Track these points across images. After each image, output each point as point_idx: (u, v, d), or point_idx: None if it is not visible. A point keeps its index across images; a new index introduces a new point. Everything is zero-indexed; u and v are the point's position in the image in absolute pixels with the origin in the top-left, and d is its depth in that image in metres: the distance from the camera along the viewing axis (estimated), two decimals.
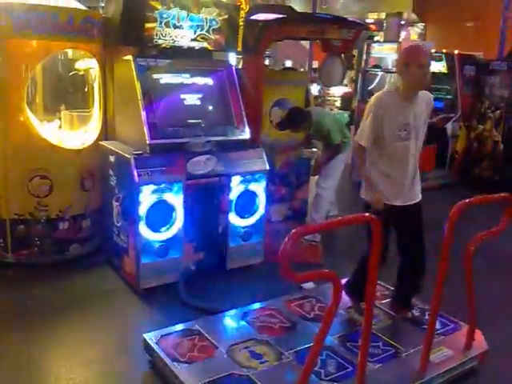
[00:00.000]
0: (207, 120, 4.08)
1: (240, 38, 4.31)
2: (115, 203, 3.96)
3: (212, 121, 4.11)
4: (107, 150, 4.04)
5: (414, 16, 13.93)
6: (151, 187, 3.59)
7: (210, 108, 4.19)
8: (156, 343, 2.90)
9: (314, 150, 5.33)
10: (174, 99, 3.96)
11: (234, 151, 4.01)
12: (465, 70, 7.81)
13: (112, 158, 3.96)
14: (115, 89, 4.25)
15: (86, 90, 4.47)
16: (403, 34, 13.76)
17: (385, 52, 8.33)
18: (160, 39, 3.91)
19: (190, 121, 4.00)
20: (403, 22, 13.84)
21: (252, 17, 4.59)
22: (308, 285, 3.82)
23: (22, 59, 3.81)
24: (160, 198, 3.64)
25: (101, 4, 4.97)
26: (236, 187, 4.02)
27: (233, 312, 3.37)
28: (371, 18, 14.63)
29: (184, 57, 4.09)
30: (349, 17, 6.56)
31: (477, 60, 8.06)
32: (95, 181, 4.26)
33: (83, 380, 2.85)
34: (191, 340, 2.96)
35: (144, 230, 3.63)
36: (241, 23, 4.26)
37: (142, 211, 3.59)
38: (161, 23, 3.86)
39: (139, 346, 2.99)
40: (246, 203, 4.11)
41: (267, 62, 9.30)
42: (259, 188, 4.15)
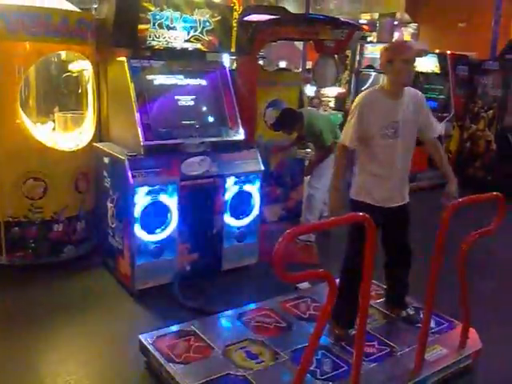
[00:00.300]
0: (201, 121, 4.08)
1: (233, 39, 4.31)
2: (110, 205, 3.96)
3: (206, 122, 4.12)
4: (101, 152, 4.04)
5: (407, 16, 13.99)
6: (145, 188, 3.59)
7: (204, 109, 4.19)
8: (151, 344, 2.90)
9: (308, 151, 5.34)
10: (168, 100, 3.96)
11: (229, 152, 4.02)
12: (457, 70, 7.84)
13: (106, 160, 3.96)
14: (109, 90, 4.25)
15: (80, 92, 4.46)
16: (396, 35, 13.83)
17: (378, 52, 8.36)
18: (153, 40, 3.91)
19: (184, 122, 4.01)
20: (396, 23, 13.89)
21: (245, 18, 4.61)
22: (303, 285, 3.83)
23: (15, 61, 3.79)
24: (154, 200, 3.64)
25: (94, 6, 4.95)
26: (230, 188, 4.02)
27: (228, 312, 3.37)
28: (364, 19, 14.68)
29: (178, 58, 4.09)
30: (342, 17, 6.57)
31: (469, 60, 8.09)
32: (89, 182, 4.25)
33: (79, 381, 2.84)
34: (187, 341, 2.97)
35: (139, 232, 3.63)
36: (234, 24, 4.27)
37: (137, 212, 3.59)
38: (154, 24, 3.87)
39: (135, 347, 2.99)
40: (241, 204, 4.12)
41: (261, 63, 9.29)
42: (254, 189, 4.16)
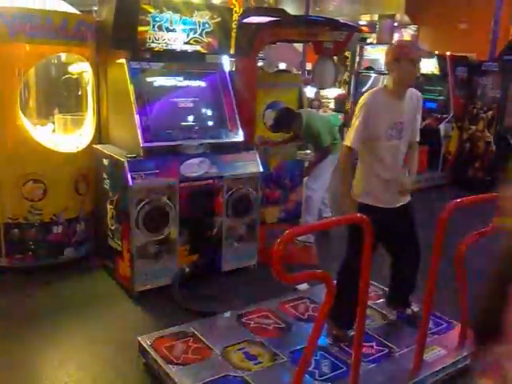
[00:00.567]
0: (201, 123, 4.09)
1: (233, 41, 4.32)
2: (109, 206, 3.96)
3: (205, 123, 4.13)
4: (101, 154, 4.05)
5: (407, 18, 14.01)
6: (145, 190, 3.60)
7: (204, 111, 4.20)
8: (150, 345, 2.91)
9: (308, 152, 5.35)
10: (168, 102, 3.97)
11: (228, 153, 4.02)
12: (457, 71, 7.85)
13: (106, 162, 3.97)
14: (109, 92, 4.26)
15: (80, 94, 4.47)
16: (396, 36, 13.86)
17: (378, 54, 8.39)
18: (153, 42, 3.92)
19: (184, 123, 4.02)
20: (396, 24, 13.94)
21: (245, 19, 4.61)
22: (302, 286, 3.84)
23: (15, 63, 3.80)
24: (154, 201, 3.65)
25: (94, 8, 4.97)
26: (230, 189, 4.03)
27: (227, 314, 3.38)
28: (364, 20, 14.71)
29: (177, 60, 4.10)
30: (341, 19, 6.59)
31: (469, 61, 8.10)
32: (89, 184, 4.26)
33: (78, 383, 2.85)
34: (186, 342, 2.97)
35: (138, 233, 3.64)
36: (234, 26, 4.28)
37: (136, 214, 3.60)
38: (154, 26, 3.88)
39: (134, 349, 3.00)
40: (240, 205, 4.12)
41: (261, 65, 9.31)
42: (253, 190, 4.16)
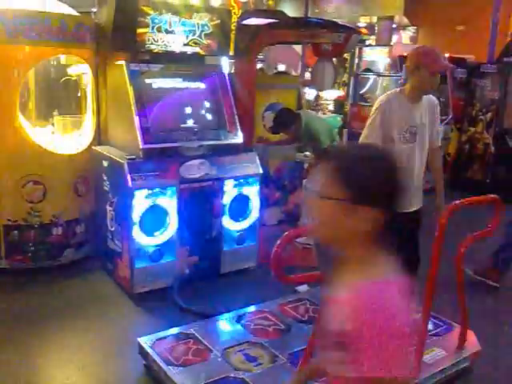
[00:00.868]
0: (200, 124, 4.09)
1: (232, 43, 4.33)
2: (109, 208, 3.96)
3: (205, 125, 4.13)
4: (100, 155, 4.05)
5: (406, 20, 14.03)
6: (145, 192, 3.60)
7: (203, 112, 4.20)
8: (151, 347, 2.90)
9: (308, 154, 5.35)
10: (167, 104, 3.97)
11: (227, 155, 4.03)
12: (456, 73, 7.86)
13: (105, 163, 3.97)
14: (108, 94, 4.26)
15: (79, 96, 4.47)
16: (395, 38, 13.88)
17: (376, 55, 8.40)
18: (152, 44, 3.93)
19: (183, 125, 4.02)
20: (395, 26, 13.95)
21: (244, 21, 4.62)
22: (302, 287, 3.84)
23: (14, 65, 3.81)
24: (154, 203, 3.65)
25: (93, 9, 4.97)
26: (229, 191, 4.03)
27: (227, 315, 3.38)
28: (363, 22, 14.72)
29: (176, 62, 4.10)
30: (340, 21, 6.60)
31: (468, 63, 8.11)
32: (89, 186, 4.26)
33: None
34: (186, 343, 2.97)
35: (138, 235, 3.64)
36: (233, 28, 4.29)
37: (136, 216, 3.60)
38: (153, 28, 3.88)
39: (134, 350, 2.99)
40: (240, 207, 4.13)
41: (260, 66, 9.32)
42: (253, 192, 4.17)
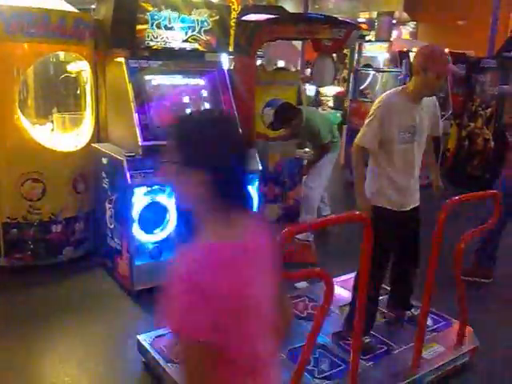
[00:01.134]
0: None
1: (232, 39, 4.32)
2: (108, 205, 3.96)
3: None
4: (100, 153, 4.04)
5: (406, 15, 14.01)
6: (144, 189, 3.60)
7: (202, 109, 4.19)
8: (150, 344, 2.91)
9: (307, 150, 5.34)
10: (166, 100, 3.96)
11: None
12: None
13: (104, 160, 3.97)
14: (107, 91, 4.25)
15: (78, 93, 4.46)
16: (395, 33, 13.85)
17: (376, 51, 8.37)
18: (151, 41, 3.92)
19: None
20: (395, 21, 13.92)
21: (243, 17, 4.60)
22: (301, 284, 3.85)
23: (14, 62, 3.80)
24: (153, 200, 3.65)
25: (92, 6, 4.96)
26: None
27: None
28: (363, 18, 14.70)
29: (176, 58, 4.10)
30: (340, 16, 6.59)
31: (468, 58, 8.10)
32: (88, 183, 4.26)
33: (77, 381, 2.86)
34: None
35: (137, 232, 3.64)
36: (232, 24, 4.27)
37: (135, 213, 3.60)
38: (152, 25, 3.87)
39: (133, 348, 3.00)
40: None
41: (259, 63, 9.31)
42: (252, 188, 4.16)
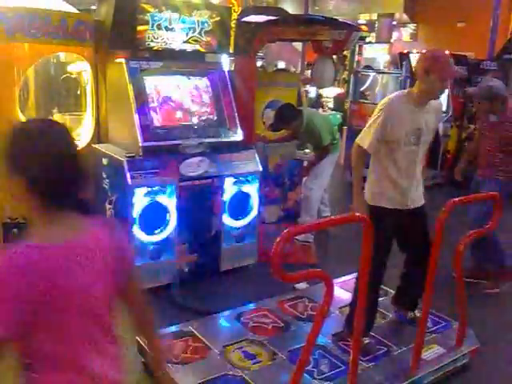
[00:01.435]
0: (200, 122, 4.10)
1: (232, 40, 4.32)
2: (108, 206, 3.96)
3: (205, 122, 4.13)
4: (100, 153, 4.04)
5: (406, 17, 14.01)
6: (144, 189, 3.60)
7: (203, 110, 4.20)
8: None
9: (307, 151, 5.35)
10: (167, 101, 3.97)
11: (227, 153, 4.03)
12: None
13: (105, 161, 3.97)
14: (108, 91, 4.25)
15: (79, 93, 4.46)
16: (395, 35, 13.87)
17: (376, 53, 8.39)
18: (152, 42, 3.92)
19: (183, 123, 4.02)
20: (395, 23, 13.94)
21: (244, 19, 4.61)
22: (301, 285, 3.85)
23: (14, 62, 3.79)
24: (153, 200, 3.65)
25: (93, 7, 4.97)
26: (229, 189, 4.04)
27: (226, 313, 3.38)
28: (363, 19, 14.71)
29: (176, 59, 4.10)
30: (340, 18, 6.59)
31: (468, 60, 8.10)
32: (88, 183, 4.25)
33: None
34: (185, 341, 2.98)
35: (137, 233, 3.64)
36: (233, 25, 4.28)
37: (135, 213, 3.60)
38: (153, 26, 3.88)
39: (133, 348, 2.99)
40: (239, 204, 4.13)
41: (260, 64, 9.32)
42: (252, 189, 4.17)
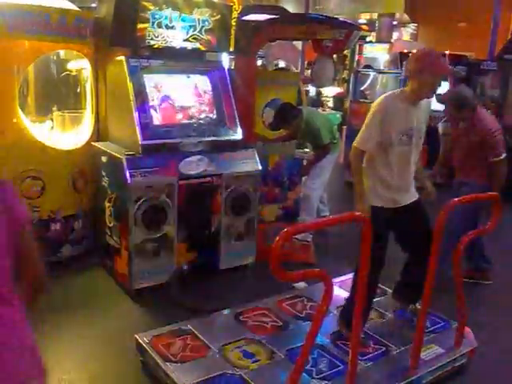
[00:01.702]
0: (199, 120, 4.09)
1: (232, 39, 4.32)
2: (107, 204, 3.96)
3: (204, 121, 4.12)
4: (99, 151, 4.04)
5: (406, 16, 14.01)
6: (143, 188, 3.60)
7: (203, 108, 4.19)
8: (148, 343, 2.90)
9: (307, 151, 5.34)
10: (167, 100, 3.97)
11: (227, 151, 4.02)
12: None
13: (104, 159, 3.97)
14: (107, 89, 4.25)
15: (79, 91, 4.46)
16: (395, 35, 13.87)
17: (377, 52, 8.39)
18: (152, 40, 3.91)
19: (183, 121, 4.02)
20: (395, 23, 13.94)
21: (244, 17, 4.60)
22: (299, 284, 3.84)
23: (14, 60, 3.79)
24: (152, 199, 3.64)
25: (93, 4, 4.95)
26: (228, 187, 4.03)
27: (225, 312, 3.38)
28: (363, 19, 14.70)
29: (176, 57, 4.10)
30: (341, 17, 6.59)
31: (468, 60, 8.10)
32: (87, 182, 4.25)
33: (75, 380, 2.85)
34: (183, 340, 2.97)
35: (136, 231, 3.64)
36: (233, 23, 4.27)
37: (135, 212, 3.59)
38: (153, 24, 3.87)
39: (131, 347, 3.00)
40: (238, 203, 4.12)
41: (260, 62, 9.31)
42: (251, 188, 4.16)
